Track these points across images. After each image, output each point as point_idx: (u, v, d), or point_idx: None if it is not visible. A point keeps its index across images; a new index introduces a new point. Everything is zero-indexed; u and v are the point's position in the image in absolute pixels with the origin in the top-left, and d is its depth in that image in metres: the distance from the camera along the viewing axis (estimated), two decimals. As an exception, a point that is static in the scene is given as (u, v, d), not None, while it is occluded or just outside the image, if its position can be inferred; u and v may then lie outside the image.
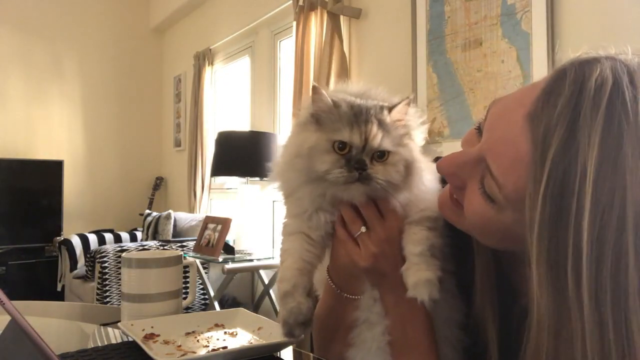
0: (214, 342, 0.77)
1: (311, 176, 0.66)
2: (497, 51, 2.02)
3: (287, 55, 3.46)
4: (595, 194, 0.48)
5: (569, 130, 0.50)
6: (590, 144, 0.49)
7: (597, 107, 0.50)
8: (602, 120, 0.49)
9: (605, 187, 0.48)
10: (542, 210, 0.50)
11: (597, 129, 0.49)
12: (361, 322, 0.73)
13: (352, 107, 0.65)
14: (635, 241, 0.47)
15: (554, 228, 0.50)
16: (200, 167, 4.13)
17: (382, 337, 0.71)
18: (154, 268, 0.88)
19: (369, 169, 0.63)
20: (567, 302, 0.48)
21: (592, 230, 0.47)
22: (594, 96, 0.50)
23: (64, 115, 4.69)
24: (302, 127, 0.68)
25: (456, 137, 2.15)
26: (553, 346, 0.49)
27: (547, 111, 0.53)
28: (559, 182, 0.50)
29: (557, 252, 0.49)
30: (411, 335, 0.69)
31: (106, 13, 4.93)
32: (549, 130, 0.52)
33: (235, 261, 2.73)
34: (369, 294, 0.73)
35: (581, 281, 0.47)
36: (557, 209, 0.50)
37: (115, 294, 2.97)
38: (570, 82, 0.53)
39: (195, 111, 4.24)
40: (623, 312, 0.46)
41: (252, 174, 2.89)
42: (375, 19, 2.64)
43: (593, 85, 0.51)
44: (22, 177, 4.32)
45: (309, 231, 0.71)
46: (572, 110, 0.51)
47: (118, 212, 4.84)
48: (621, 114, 0.49)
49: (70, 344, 0.80)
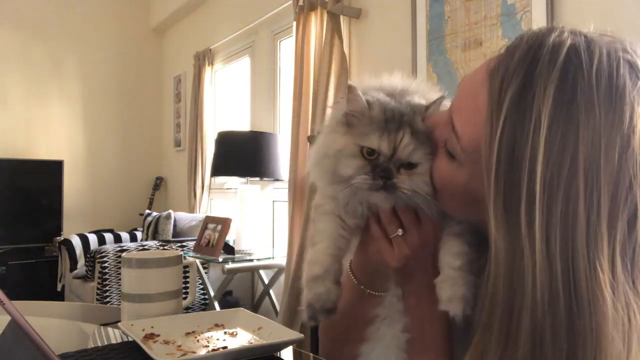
0: (214, 342, 0.77)
1: (336, 179, 0.65)
2: (497, 51, 2.01)
3: (287, 55, 3.46)
4: (549, 141, 0.50)
5: (525, 80, 0.53)
6: (545, 95, 0.51)
7: (554, 62, 0.52)
8: (558, 74, 0.51)
9: (557, 135, 0.50)
10: (498, 155, 0.53)
11: (552, 80, 0.51)
12: (382, 319, 0.73)
13: (385, 111, 0.63)
14: (584, 187, 0.49)
15: (508, 172, 0.52)
16: (200, 167, 4.13)
17: (401, 335, 0.71)
18: (154, 268, 0.88)
19: (395, 178, 0.62)
20: (520, 242, 0.51)
21: (544, 175, 0.50)
22: (551, 52, 0.53)
23: (64, 115, 4.69)
24: (332, 128, 0.67)
25: (456, 137, 2.15)
26: (508, 281, 0.52)
27: (505, 63, 0.55)
28: (513, 129, 0.52)
29: (511, 195, 0.52)
30: (428, 336, 0.69)
31: (106, 13, 4.93)
32: (504, 79, 0.54)
33: (235, 261, 2.73)
34: (393, 291, 0.73)
35: (534, 222, 0.50)
36: (511, 154, 0.52)
37: (115, 294, 2.97)
38: (528, 39, 0.56)
39: (195, 111, 4.24)
40: (570, 249, 0.49)
41: (252, 174, 2.89)
42: (375, 19, 2.64)
43: (550, 42, 0.54)
44: (22, 177, 4.32)
45: (345, 216, 0.69)
46: (529, 62, 0.53)
47: (118, 212, 4.84)
48: (577, 71, 0.51)
49: (70, 344, 0.80)
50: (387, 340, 0.72)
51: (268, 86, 3.58)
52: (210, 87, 4.23)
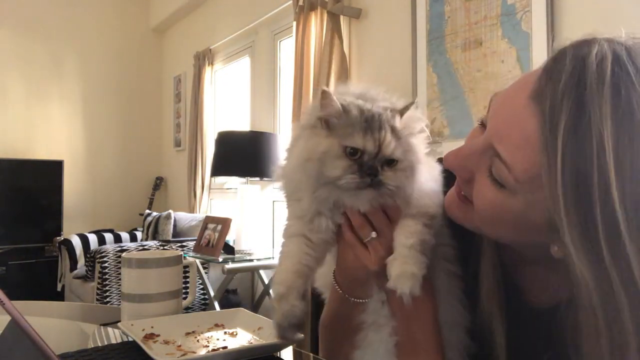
0: (214, 342, 0.77)
1: (321, 181, 0.65)
2: (497, 51, 2.02)
3: (287, 55, 3.46)
4: (618, 162, 0.48)
5: (577, 103, 0.51)
6: (602, 115, 0.49)
7: (602, 79, 0.50)
8: (609, 91, 0.50)
9: (627, 153, 0.48)
10: (564, 185, 0.50)
11: (606, 99, 0.50)
12: (368, 325, 0.73)
13: (363, 112, 0.64)
14: None
15: (577, 201, 0.50)
16: (200, 167, 4.13)
17: (389, 339, 0.71)
18: (154, 268, 0.88)
19: (380, 175, 0.63)
20: (606, 272, 0.48)
21: (622, 198, 0.48)
22: (596, 69, 0.51)
23: (64, 115, 4.69)
24: (312, 132, 0.67)
25: (456, 137, 2.15)
26: (604, 313, 0.49)
27: (551, 87, 0.53)
28: (575, 156, 0.50)
29: (587, 225, 0.49)
30: (417, 336, 0.69)
31: (106, 13, 4.93)
32: (555, 104, 0.52)
33: (235, 261, 2.73)
34: (377, 296, 0.73)
35: (620, 248, 0.48)
36: (577, 183, 0.50)
37: (115, 294, 2.97)
38: (571, 59, 0.53)
39: (195, 111, 4.24)
40: None
41: (252, 174, 2.89)
42: (375, 19, 2.64)
43: (594, 59, 0.52)
44: (22, 177, 4.32)
45: (309, 234, 0.70)
46: (576, 84, 0.51)
47: (118, 212, 4.84)
48: (627, 84, 0.50)
49: (70, 344, 0.80)
50: (376, 346, 0.72)
51: (268, 86, 3.58)
52: (210, 87, 4.23)
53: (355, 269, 0.71)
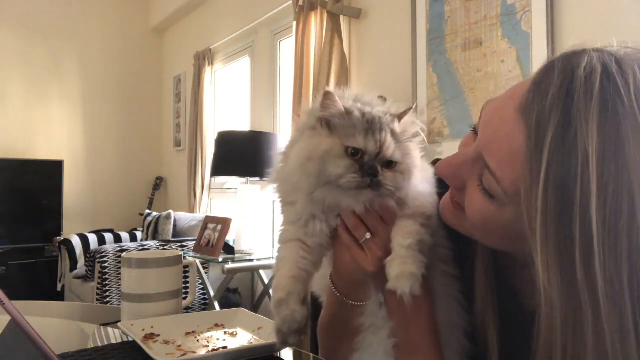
0: (214, 342, 0.77)
1: (321, 180, 0.66)
2: (497, 51, 2.02)
3: (287, 55, 3.46)
4: (601, 179, 0.47)
5: (564, 117, 0.50)
6: (589, 130, 0.49)
7: (590, 93, 0.50)
8: (597, 106, 0.49)
9: (610, 171, 0.47)
10: (544, 198, 0.50)
11: (593, 114, 0.49)
12: (367, 327, 0.73)
13: (364, 115, 0.66)
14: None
15: (557, 216, 0.49)
16: (200, 167, 4.13)
17: (387, 341, 0.71)
18: (154, 268, 0.88)
19: (380, 176, 0.64)
20: (577, 290, 0.48)
21: (601, 216, 0.47)
22: (585, 83, 0.51)
23: (64, 115, 4.69)
24: (313, 132, 0.68)
25: (456, 137, 2.15)
26: (564, 336, 0.49)
27: (538, 100, 0.53)
28: (559, 170, 0.50)
29: (564, 241, 0.49)
30: (415, 336, 0.69)
31: (106, 13, 4.93)
32: (542, 118, 0.52)
33: (235, 261, 2.73)
34: (374, 299, 0.73)
35: (593, 268, 0.47)
36: (560, 197, 0.49)
37: (115, 294, 2.97)
38: (559, 72, 0.53)
39: (195, 111, 4.24)
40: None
41: (252, 174, 2.89)
42: (375, 19, 2.64)
43: (583, 72, 0.51)
44: (22, 177, 4.32)
45: (305, 238, 0.70)
46: (564, 97, 0.51)
47: (118, 212, 4.84)
48: (615, 98, 0.49)
49: (70, 344, 0.80)
50: (374, 348, 0.72)
51: (268, 86, 3.58)
52: (210, 87, 4.23)
53: (352, 271, 0.71)
